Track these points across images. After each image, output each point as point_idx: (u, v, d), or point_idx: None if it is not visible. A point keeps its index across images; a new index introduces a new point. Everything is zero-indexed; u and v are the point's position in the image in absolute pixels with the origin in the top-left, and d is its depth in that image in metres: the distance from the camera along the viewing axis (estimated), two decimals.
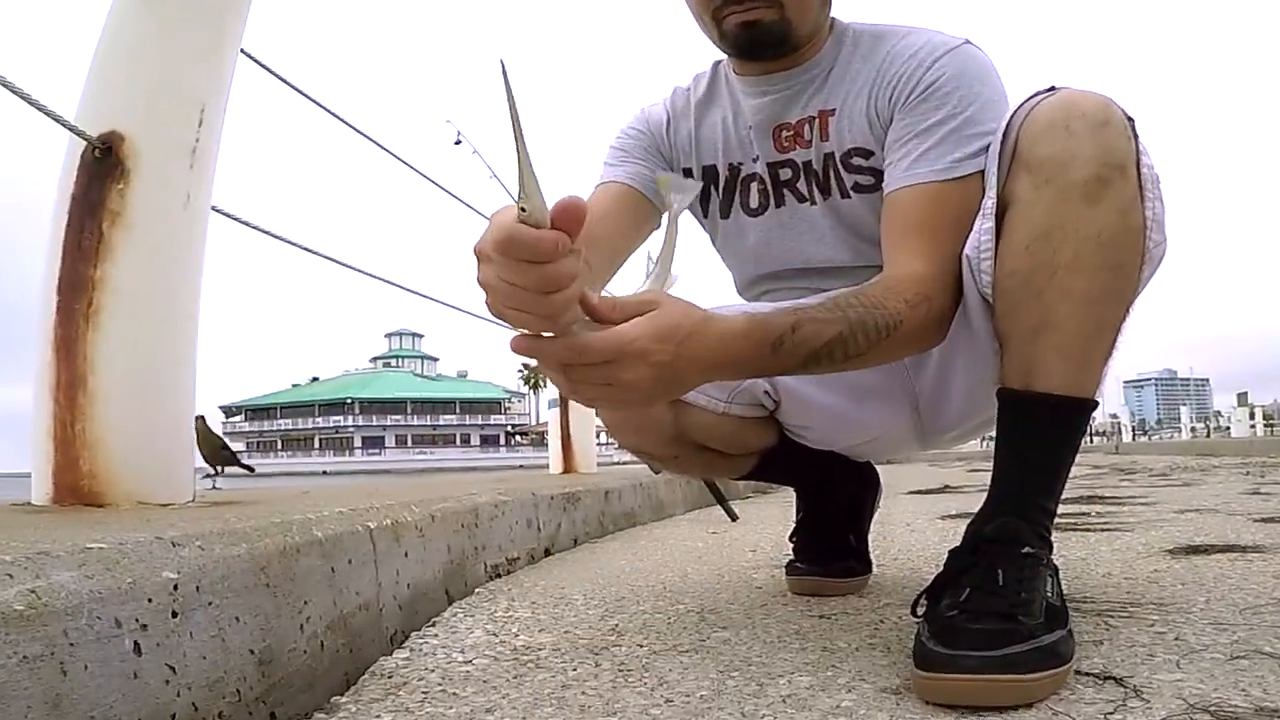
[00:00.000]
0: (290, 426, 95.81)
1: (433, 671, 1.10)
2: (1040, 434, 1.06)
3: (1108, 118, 1.03)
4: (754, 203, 1.36)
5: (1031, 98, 1.09)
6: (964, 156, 1.14)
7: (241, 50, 1.53)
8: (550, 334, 0.87)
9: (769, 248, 1.37)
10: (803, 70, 1.29)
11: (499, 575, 1.83)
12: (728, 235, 1.41)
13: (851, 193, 1.29)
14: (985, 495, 1.07)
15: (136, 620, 0.72)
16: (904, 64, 1.21)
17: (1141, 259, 1.04)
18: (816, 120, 1.29)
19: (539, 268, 0.79)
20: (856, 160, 1.27)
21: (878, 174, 1.25)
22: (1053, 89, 1.09)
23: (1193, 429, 37.33)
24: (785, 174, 1.33)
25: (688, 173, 1.39)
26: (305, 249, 2.16)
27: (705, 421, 1.39)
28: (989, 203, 1.09)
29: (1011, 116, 1.10)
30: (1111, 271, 1.02)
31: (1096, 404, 1.07)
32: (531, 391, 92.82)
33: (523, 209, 0.77)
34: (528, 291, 0.81)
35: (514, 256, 0.79)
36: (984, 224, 1.09)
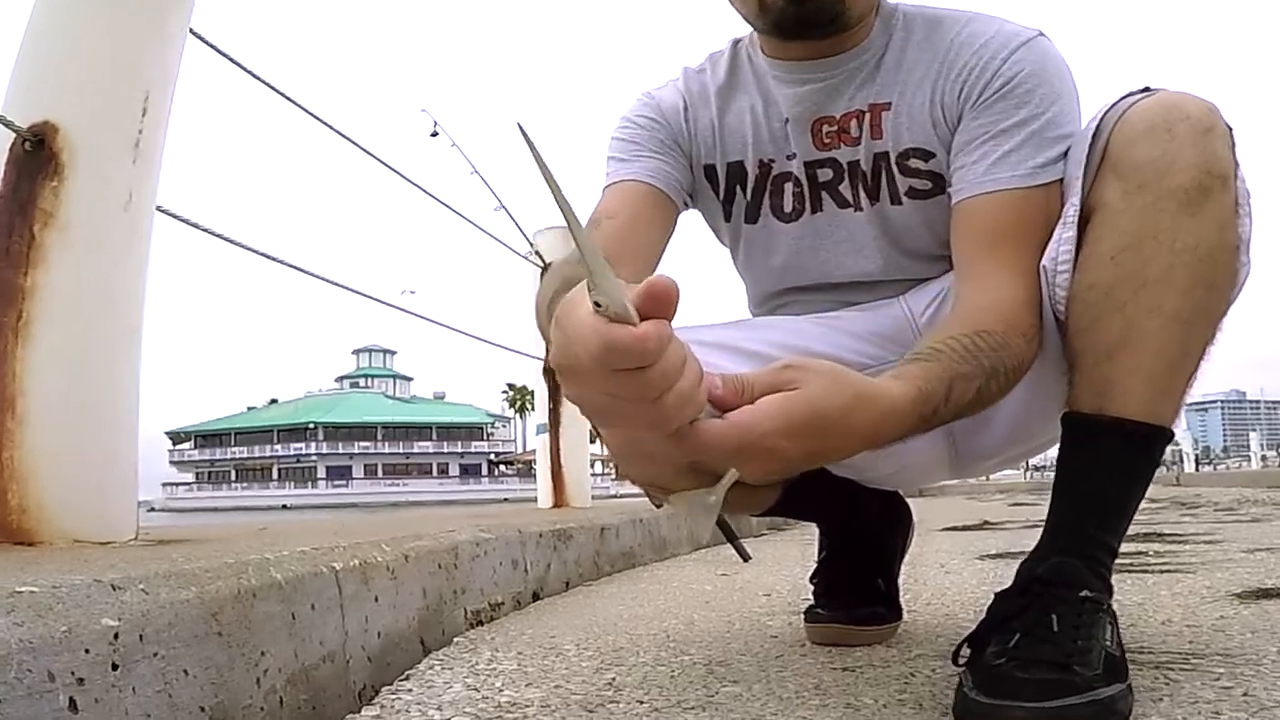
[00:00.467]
0: (245, 455, 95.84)
1: None
2: (1110, 465, 1.06)
3: (1212, 124, 1.04)
4: (788, 207, 1.34)
5: (1124, 98, 1.10)
6: (1047, 161, 1.15)
7: (191, 31, 1.53)
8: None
9: (799, 258, 1.36)
10: (850, 56, 1.27)
11: (481, 622, 1.83)
12: (752, 243, 1.39)
13: (905, 198, 1.28)
14: (1035, 531, 1.07)
15: (72, 673, 0.72)
16: (974, 55, 1.21)
17: (1232, 280, 1.05)
18: (867, 115, 1.27)
19: (644, 373, 0.69)
20: (914, 162, 1.26)
21: (936, 178, 1.25)
22: (1148, 90, 1.09)
23: (1263, 457, 37.27)
24: (825, 175, 1.31)
25: (709, 170, 1.36)
26: (263, 255, 2.16)
27: None
28: (1071, 210, 1.09)
29: (1102, 118, 1.10)
30: (1206, 290, 1.03)
31: (1172, 435, 1.07)
32: (517, 415, 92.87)
33: (598, 304, 0.67)
34: (635, 402, 0.72)
35: (616, 368, 0.69)
36: (1064, 233, 1.09)
